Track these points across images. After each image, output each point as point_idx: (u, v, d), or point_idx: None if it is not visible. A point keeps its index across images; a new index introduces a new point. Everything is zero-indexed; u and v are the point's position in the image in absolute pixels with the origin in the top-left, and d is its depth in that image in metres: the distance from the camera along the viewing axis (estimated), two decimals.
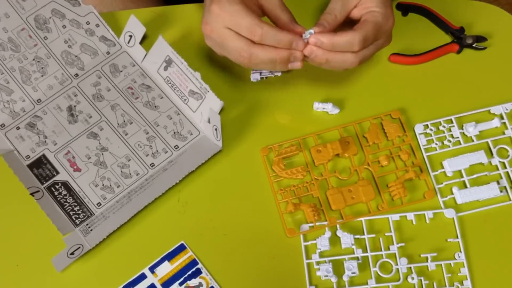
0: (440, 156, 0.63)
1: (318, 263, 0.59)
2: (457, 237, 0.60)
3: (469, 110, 0.65)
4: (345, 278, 0.58)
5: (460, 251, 0.59)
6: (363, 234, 0.60)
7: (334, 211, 0.61)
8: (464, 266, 0.59)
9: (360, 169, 0.63)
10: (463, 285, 0.58)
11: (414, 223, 0.60)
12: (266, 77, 0.66)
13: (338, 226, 0.60)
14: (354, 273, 0.58)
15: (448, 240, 0.60)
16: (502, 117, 0.64)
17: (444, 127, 0.64)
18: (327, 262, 0.58)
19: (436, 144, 0.64)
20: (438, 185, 0.62)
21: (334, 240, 0.60)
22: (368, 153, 0.63)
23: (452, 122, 0.64)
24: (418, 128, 0.64)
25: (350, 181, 0.62)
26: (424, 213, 0.60)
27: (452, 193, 0.62)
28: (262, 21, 0.54)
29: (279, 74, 0.66)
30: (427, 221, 0.60)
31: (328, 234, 0.59)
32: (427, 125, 0.64)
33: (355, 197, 0.61)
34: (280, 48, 0.54)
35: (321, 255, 0.59)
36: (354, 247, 0.59)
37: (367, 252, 0.59)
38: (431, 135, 0.64)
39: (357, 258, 0.59)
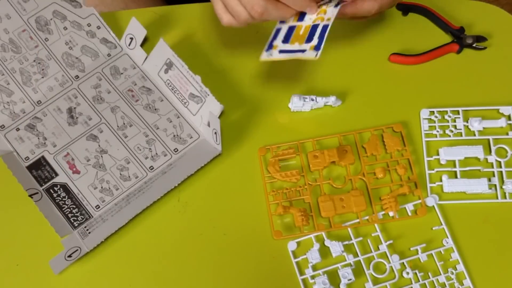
0: (438, 144, 0.63)
1: (312, 277, 0.58)
2: (442, 224, 0.60)
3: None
4: (342, 286, 0.57)
5: (447, 237, 0.59)
6: (351, 239, 0.60)
7: (324, 218, 0.61)
8: (454, 251, 0.59)
9: (355, 179, 0.62)
10: (456, 269, 0.58)
11: (397, 217, 0.60)
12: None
13: (324, 236, 0.60)
14: (350, 279, 0.57)
15: (433, 228, 0.60)
16: (509, 118, 0.64)
17: (449, 117, 0.64)
18: (322, 274, 0.58)
19: (438, 131, 0.64)
20: (429, 170, 0.62)
21: (324, 251, 0.59)
22: (364, 164, 0.63)
23: (458, 114, 0.64)
24: (424, 113, 0.64)
25: (344, 189, 0.62)
26: (405, 206, 0.60)
27: (440, 180, 0.62)
28: None
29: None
30: (409, 214, 0.60)
31: (316, 246, 0.59)
32: (433, 111, 0.64)
33: (346, 206, 0.60)
34: (293, 9, 0.56)
35: (314, 268, 0.59)
36: (344, 254, 0.59)
37: (358, 256, 0.59)
38: (434, 122, 0.64)
39: (350, 264, 0.59)
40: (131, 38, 0.67)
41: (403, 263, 0.59)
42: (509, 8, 1.20)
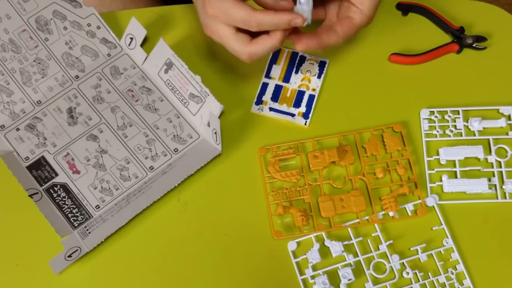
0: (438, 144, 0.64)
1: (312, 277, 0.58)
2: (442, 224, 0.60)
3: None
4: (342, 286, 0.57)
5: (447, 237, 0.59)
6: (351, 239, 0.60)
7: (324, 218, 0.61)
8: (454, 251, 0.59)
9: (355, 179, 0.62)
10: (456, 269, 0.58)
11: (397, 217, 0.60)
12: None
13: (324, 236, 0.60)
14: (350, 279, 0.57)
15: (433, 228, 0.60)
16: (509, 118, 0.64)
17: (449, 117, 0.64)
18: (322, 274, 0.58)
19: (438, 131, 0.64)
20: (429, 170, 0.62)
21: (324, 251, 0.59)
22: (364, 164, 0.63)
23: (458, 114, 0.64)
24: (424, 113, 0.64)
25: (344, 189, 0.62)
26: (405, 206, 0.61)
27: (441, 180, 0.62)
28: (255, 10, 0.53)
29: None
30: (409, 214, 0.60)
31: (316, 246, 0.59)
32: (433, 111, 0.64)
33: (346, 206, 0.60)
34: (275, 32, 0.55)
35: (314, 268, 0.59)
36: (345, 254, 0.59)
37: (358, 256, 0.59)
38: (434, 122, 0.64)
39: (350, 264, 0.59)
40: (131, 38, 0.67)
41: (403, 263, 0.59)
42: (509, 8, 1.20)
